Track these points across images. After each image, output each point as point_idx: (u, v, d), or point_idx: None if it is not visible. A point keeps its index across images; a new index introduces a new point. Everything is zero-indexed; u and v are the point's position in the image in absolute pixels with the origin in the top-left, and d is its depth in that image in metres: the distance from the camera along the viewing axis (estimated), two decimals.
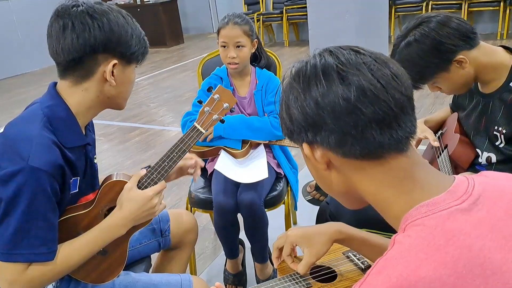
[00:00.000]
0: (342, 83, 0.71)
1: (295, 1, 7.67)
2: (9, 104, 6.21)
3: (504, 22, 6.51)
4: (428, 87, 1.51)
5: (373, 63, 0.73)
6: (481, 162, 1.58)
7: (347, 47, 0.77)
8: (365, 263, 1.24)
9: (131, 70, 1.27)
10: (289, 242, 1.22)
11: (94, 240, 1.25)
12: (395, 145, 0.72)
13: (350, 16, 3.05)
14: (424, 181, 0.74)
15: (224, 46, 2.01)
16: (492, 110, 1.50)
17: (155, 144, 4.23)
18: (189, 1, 10.28)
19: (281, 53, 7.34)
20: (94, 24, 1.15)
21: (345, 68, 0.72)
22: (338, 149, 0.74)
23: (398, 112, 0.71)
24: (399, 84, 0.72)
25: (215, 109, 1.47)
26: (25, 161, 1.07)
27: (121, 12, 1.22)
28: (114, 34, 1.17)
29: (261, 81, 2.11)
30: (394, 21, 7.17)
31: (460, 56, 1.38)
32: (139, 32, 1.24)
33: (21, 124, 1.18)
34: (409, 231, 0.68)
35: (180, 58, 8.25)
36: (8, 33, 7.98)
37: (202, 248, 2.53)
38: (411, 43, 1.40)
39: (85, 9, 1.15)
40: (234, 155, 2.04)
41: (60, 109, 1.20)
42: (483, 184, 0.73)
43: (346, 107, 0.70)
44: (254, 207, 1.90)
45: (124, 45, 1.19)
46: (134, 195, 1.29)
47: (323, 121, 0.72)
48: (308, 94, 0.73)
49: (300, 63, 0.78)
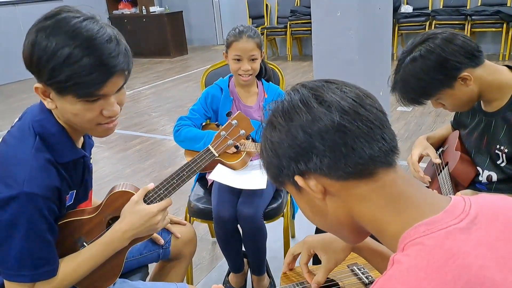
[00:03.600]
0: (322, 106, 0.74)
1: (299, 17, 7.73)
2: (11, 110, 6.22)
3: (506, 43, 6.55)
4: (432, 103, 1.52)
5: (343, 87, 0.77)
6: (482, 181, 1.58)
7: (312, 81, 0.81)
8: (369, 278, 1.23)
9: (67, 102, 1.07)
10: (307, 248, 1.19)
11: (97, 254, 1.25)
12: (384, 158, 0.74)
13: (354, 33, 3.07)
14: (418, 199, 0.74)
15: (238, 60, 2.02)
16: (495, 129, 1.50)
17: (155, 153, 4.23)
18: (194, 13, 10.36)
19: (284, 67, 7.37)
20: (26, 40, 1.05)
21: (319, 93, 0.76)
22: (332, 172, 0.74)
23: (379, 126, 0.74)
24: (373, 101, 0.77)
25: (231, 134, 1.49)
26: (20, 186, 1.06)
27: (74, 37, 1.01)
28: (26, 55, 1.04)
29: (270, 95, 2.14)
30: (397, 39, 7.21)
31: (464, 73, 1.38)
32: (72, 67, 1.01)
33: (14, 144, 1.14)
34: (408, 251, 0.68)
35: (184, 69, 8.29)
36: (14, 39, 8.01)
37: (199, 258, 2.52)
38: (417, 59, 1.40)
39: (37, 22, 1.05)
40: (231, 167, 2.03)
41: (50, 125, 1.15)
42: (479, 204, 0.73)
43: (332, 126, 0.72)
44: (253, 220, 1.90)
45: (37, 72, 1.05)
46: (139, 209, 1.29)
47: (312, 145, 0.73)
48: (291, 125, 0.75)
49: (274, 103, 0.81)
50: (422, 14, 7.04)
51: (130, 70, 1.11)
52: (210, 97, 2.15)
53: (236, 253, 2.08)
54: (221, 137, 1.48)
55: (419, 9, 7.20)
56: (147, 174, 3.76)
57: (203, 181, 2.20)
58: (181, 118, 2.14)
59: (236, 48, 2.01)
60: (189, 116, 2.14)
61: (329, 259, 1.14)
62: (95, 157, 4.07)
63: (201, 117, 2.15)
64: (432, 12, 6.97)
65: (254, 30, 2.05)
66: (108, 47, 1.03)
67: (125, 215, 1.28)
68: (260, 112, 2.13)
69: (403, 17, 7.11)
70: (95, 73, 1.02)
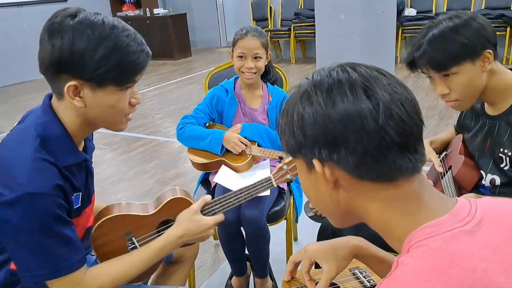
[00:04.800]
0: (370, 102, 0.68)
1: (303, 19, 7.73)
2: (14, 110, 6.24)
3: (510, 47, 6.54)
4: (438, 85, 1.46)
5: (395, 85, 0.71)
6: (485, 184, 1.57)
7: (364, 65, 0.75)
8: (371, 281, 1.23)
9: (107, 93, 1.12)
10: (308, 257, 1.17)
11: (151, 256, 1.30)
12: (412, 169, 0.71)
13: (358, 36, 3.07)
14: (429, 202, 0.73)
15: (242, 57, 2.04)
16: (498, 132, 1.50)
17: (158, 155, 4.24)
18: (198, 15, 10.38)
19: (288, 70, 7.38)
20: (50, 41, 1.06)
21: (371, 85, 0.70)
22: (354, 171, 0.71)
23: (416, 137, 0.71)
24: (417, 110, 0.72)
25: (292, 169, 1.56)
26: (22, 187, 1.05)
27: (114, 27, 1.09)
28: (64, 54, 1.05)
29: (275, 98, 2.14)
30: (401, 42, 7.20)
31: (488, 51, 1.38)
32: (120, 54, 1.09)
33: (14, 146, 1.14)
34: (413, 252, 0.68)
35: (187, 71, 8.31)
36: (18, 40, 8.06)
37: (201, 261, 2.52)
38: (457, 23, 1.38)
39: (53, 22, 1.07)
40: (235, 168, 2.03)
41: (54, 127, 1.15)
42: (484, 206, 0.73)
43: (374, 128, 0.68)
44: (257, 222, 1.90)
45: (79, 67, 1.07)
46: (197, 218, 1.36)
47: (346, 140, 0.69)
48: (332, 110, 0.69)
49: (319, 75, 0.74)
50: (425, 17, 7.03)
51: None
52: (216, 98, 2.15)
53: (239, 256, 2.07)
54: (283, 171, 1.56)
55: (422, 12, 7.19)
56: (150, 176, 3.77)
57: (207, 183, 2.20)
58: (185, 116, 2.15)
59: (240, 45, 2.04)
60: (193, 114, 2.15)
61: (330, 268, 1.12)
62: (98, 159, 4.09)
63: (205, 117, 2.15)
64: (436, 15, 6.95)
65: (260, 30, 2.08)
66: (139, 35, 1.15)
67: (182, 222, 1.35)
68: (265, 115, 2.14)
69: (407, 20, 7.11)
70: (139, 57, 1.12)
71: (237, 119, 2.15)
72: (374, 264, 1.13)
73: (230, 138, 2.03)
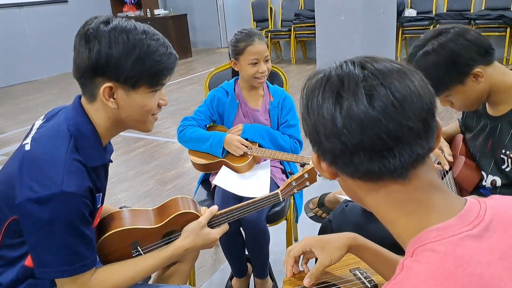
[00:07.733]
0: (380, 103, 0.68)
1: (304, 20, 7.74)
2: (16, 111, 6.23)
3: (510, 47, 6.53)
4: (439, 101, 1.48)
5: (410, 82, 0.73)
6: (486, 186, 1.57)
7: (385, 59, 0.80)
8: (372, 282, 1.23)
9: (139, 94, 1.19)
10: (303, 245, 1.21)
11: (154, 265, 1.34)
12: (390, 174, 0.70)
13: (358, 36, 3.08)
14: (434, 202, 0.71)
15: (256, 63, 2.02)
16: (500, 133, 1.49)
17: (159, 156, 4.24)
18: (199, 16, 10.38)
19: (288, 70, 7.38)
20: (86, 46, 1.12)
21: (343, 92, 0.71)
22: (333, 167, 0.75)
23: (392, 143, 0.67)
24: (433, 102, 0.72)
25: (299, 184, 1.57)
26: (59, 186, 1.09)
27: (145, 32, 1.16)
28: (101, 58, 1.11)
29: (276, 98, 2.14)
30: (401, 43, 7.21)
31: (477, 70, 1.37)
32: (152, 57, 1.15)
33: (49, 144, 1.18)
34: (418, 256, 0.67)
35: (188, 71, 8.31)
36: (19, 40, 8.06)
37: (202, 261, 2.52)
38: (429, 53, 1.38)
39: (88, 29, 1.13)
40: (236, 169, 2.03)
41: (86, 128, 1.20)
42: (494, 208, 0.71)
43: (334, 130, 0.69)
44: (256, 223, 1.90)
45: (115, 69, 1.13)
46: (205, 233, 1.39)
47: (318, 138, 0.72)
48: (343, 113, 0.69)
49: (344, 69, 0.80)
50: (426, 18, 7.04)
51: None
52: (216, 100, 2.15)
53: (239, 256, 2.07)
54: (291, 186, 1.56)
55: (423, 13, 7.19)
56: (150, 177, 3.77)
57: (207, 184, 2.20)
58: (185, 118, 2.15)
59: (252, 52, 2.00)
60: (194, 116, 2.15)
61: (324, 256, 1.15)
62: None
63: (206, 119, 2.15)
64: (436, 16, 6.96)
65: (258, 31, 2.07)
66: (166, 39, 1.21)
67: (188, 235, 1.37)
68: (267, 115, 2.14)
69: (407, 21, 7.11)
70: (169, 60, 1.18)
71: (238, 121, 2.14)
72: (370, 258, 1.15)
73: (231, 141, 2.03)
